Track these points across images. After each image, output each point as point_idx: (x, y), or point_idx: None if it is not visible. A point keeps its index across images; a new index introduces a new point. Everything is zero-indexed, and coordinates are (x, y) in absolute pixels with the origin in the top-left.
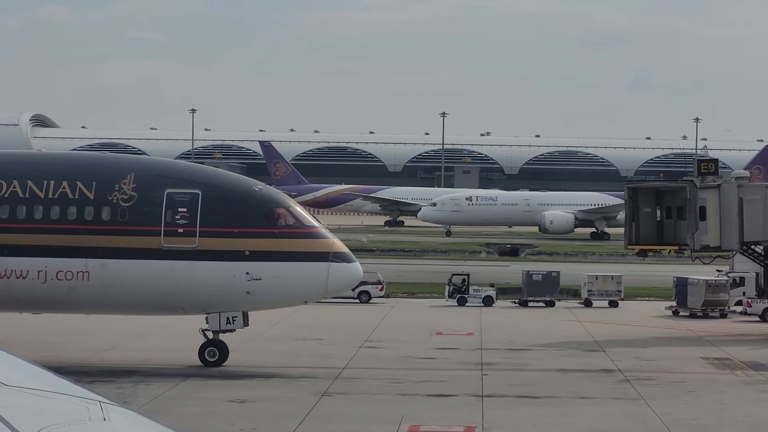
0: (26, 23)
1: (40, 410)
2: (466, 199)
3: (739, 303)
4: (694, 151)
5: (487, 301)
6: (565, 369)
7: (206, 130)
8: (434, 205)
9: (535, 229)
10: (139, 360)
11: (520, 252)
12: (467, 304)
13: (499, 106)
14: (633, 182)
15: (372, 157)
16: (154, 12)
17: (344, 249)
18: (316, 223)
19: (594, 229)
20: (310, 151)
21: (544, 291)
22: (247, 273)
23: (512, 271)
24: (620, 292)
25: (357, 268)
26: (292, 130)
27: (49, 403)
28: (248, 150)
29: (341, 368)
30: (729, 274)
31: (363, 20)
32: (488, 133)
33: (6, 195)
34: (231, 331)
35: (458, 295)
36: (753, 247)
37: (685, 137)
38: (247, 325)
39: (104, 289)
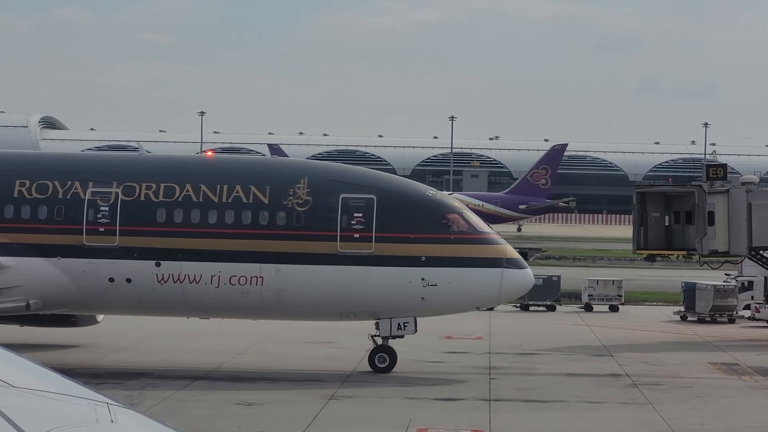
0: (36, 26)
1: (47, 412)
2: None
3: (747, 307)
4: (703, 156)
5: None
6: (573, 373)
7: (215, 132)
8: None
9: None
10: (146, 362)
11: (529, 256)
12: None
13: (507, 110)
14: (641, 187)
15: (381, 161)
16: (164, 14)
17: (516, 255)
18: (488, 229)
19: None
20: (319, 154)
21: (544, 295)
22: (423, 279)
23: None
24: (621, 296)
25: (529, 274)
26: (301, 133)
27: (57, 404)
28: (257, 153)
29: (350, 371)
30: (737, 278)
31: (372, 23)
32: (497, 137)
33: (179, 199)
34: (400, 337)
35: None
36: (761, 252)
37: (693, 142)
38: (416, 332)
39: (277, 294)
